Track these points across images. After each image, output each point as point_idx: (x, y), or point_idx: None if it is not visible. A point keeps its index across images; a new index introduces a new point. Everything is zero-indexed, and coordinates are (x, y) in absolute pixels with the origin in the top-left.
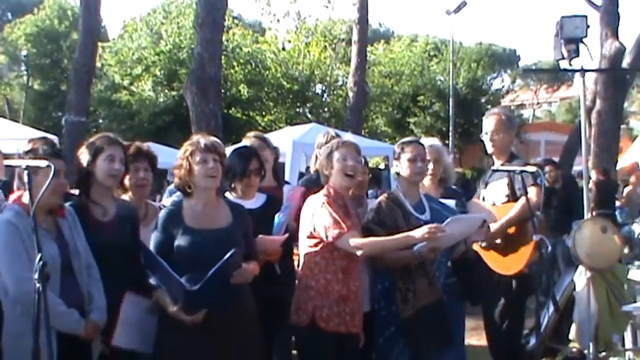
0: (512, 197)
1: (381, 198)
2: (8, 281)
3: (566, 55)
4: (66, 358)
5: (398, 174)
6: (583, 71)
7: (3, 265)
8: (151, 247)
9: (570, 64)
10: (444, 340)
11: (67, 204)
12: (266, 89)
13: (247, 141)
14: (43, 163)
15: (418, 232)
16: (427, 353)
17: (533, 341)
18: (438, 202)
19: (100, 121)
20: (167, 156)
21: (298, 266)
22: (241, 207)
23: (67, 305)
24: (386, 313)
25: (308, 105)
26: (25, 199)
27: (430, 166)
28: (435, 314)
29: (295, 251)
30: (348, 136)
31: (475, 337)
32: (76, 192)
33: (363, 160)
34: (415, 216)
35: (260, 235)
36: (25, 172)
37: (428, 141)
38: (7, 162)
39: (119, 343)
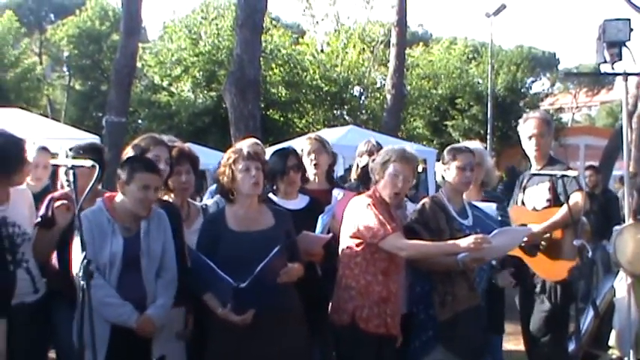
0: (554, 202)
1: (425, 200)
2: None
3: (608, 58)
4: (123, 354)
5: (443, 178)
6: (626, 75)
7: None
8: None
9: (612, 68)
10: (482, 349)
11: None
12: (304, 91)
13: (307, 141)
14: (87, 162)
15: (464, 242)
16: (464, 357)
17: (572, 346)
18: (480, 210)
19: (140, 121)
20: (206, 157)
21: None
22: (284, 210)
23: (124, 298)
24: (424, 316)
25: (346, 107)
26: (118, 198)
27: None
28: (473, 320)
29: None
30: (409, 148)
31: (512, 342)
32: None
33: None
34: (458, 221)
35: (304, 232)
36: (71, 171)
37: (470, 144)
38: (52, 161)
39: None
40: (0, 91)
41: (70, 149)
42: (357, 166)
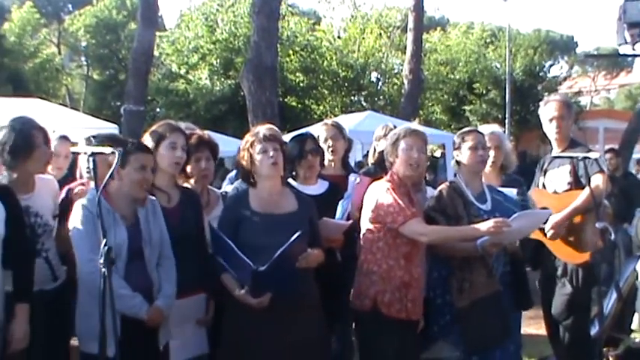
0: (575, 185)
1: (443, 186)
2: (77, 262)
3: (629, 39)
4: (132, 343)
5: (459, 163)
6: None
7: (75, 246)
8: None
9: (633, 49)
10: (502, 334)
11: None
12: (321, 77)
13: (324, 127)
14: (107, 149)
15: (484, 226)
16: (483, 345)
17: (594, 330)
18: (500, 193)
19: (158, 109)
20: (224, 144)
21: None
22: (307, 196)
23: (132, 289)
24: (441, 301)
25: (363, 93)
26: (112, 187)
27: (491, 153)
28: (492, 307)
29: None
30: (415, 125)
31: (533, 325)
32: None
33: (428, 150)
34: (476, 206)
35: (324, 218)
36: (90, 158)
37: (488, 128)
38: (72, 149)
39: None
40: (20, 81)
41: (94, 137)
42: (375, 150)
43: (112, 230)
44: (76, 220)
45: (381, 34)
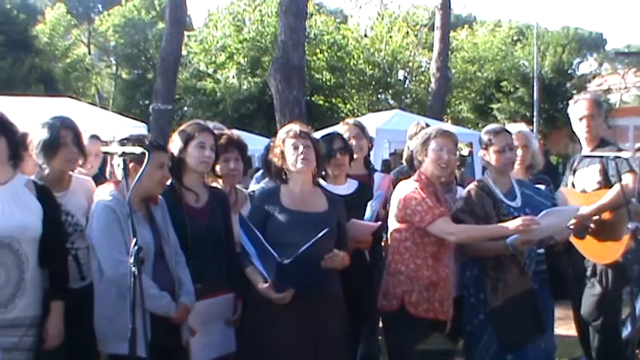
0: (605, 184)
1: (471, 187)
2: (105, 263)
3: None
4: (157, 341)
5: (487, 162)
6: None
7: (100, 247)
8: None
9: None
10: (536, 331)
11: None
12: (348, 76)
13: (345, 126)
14: (137, 149)
15: (512, 224)
16: (517, 343)
17: (626, 331)
18: (531, 186)
19: (185, 108)
20: (251, 143)
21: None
22: (338, 198)
23: (159, 288)
24: (475, 300)
25: (390, 91)
26: (125, 187)
27: (518, 152)
28: (525, 305)
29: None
30: (446, 126)
31: (563, 326)
32: None
33: (458, 151)
34: (506, 204)
35: (353, 220)
36: (121, 158)
37: (516, 127)
38: (103, 149)
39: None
40: (51, 81)
41: (127, 139)
42: (408, 148)
43: (137, 230)
44: (100, 221)
45: (408, 32)
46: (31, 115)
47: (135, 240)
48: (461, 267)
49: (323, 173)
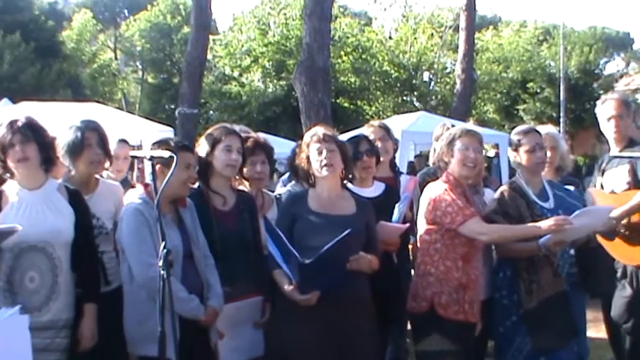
0: (634, 184)
1: (503, 188)
2: (134, 267)
3: None
4: (187, 342)
5: (518, 164)
6: None
7: (130, 251)
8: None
9: None
10: (569, 333)
11: None
12: (373, 78)
13: (371, 128)
14: (166, 153)
15: (545, 224)
16: (551, 345)
17: None
18: (562, 187)
19: (211, 112)
20: (276, 146)
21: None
22: (366, 200)
23: (188, 291)
24: (507, 302)
25: (415, 93)
26: (153, 189)
27: (547, 153)
28: (558, 307)
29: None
30: (470, 125)
31: (593, 329)
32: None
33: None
34: (539, 205)
35: (381, 222)
36: (150, 162)
37: (544, 128)
38: (132, 153)
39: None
40: (78, 86)
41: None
42: (434, 150)
43: (166, 233)
44: (130, 224)
45: (432, 33)
46: (60, 119)
47: (164, 243)
48: (493, 268)
49: (350, 176)
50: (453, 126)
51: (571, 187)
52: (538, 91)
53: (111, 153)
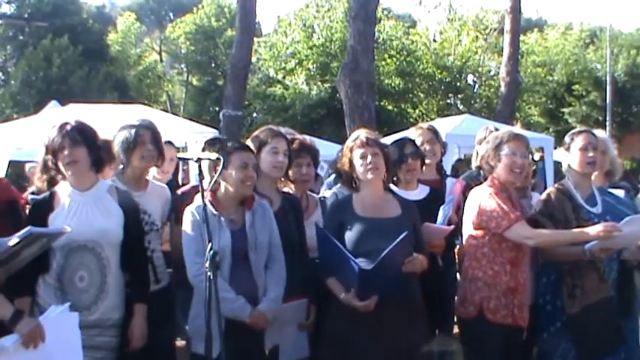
0: None
1: (551, 190)
2: (186, 266)
3: None
4: (238, 345)
5: (569, 166)
6: None
7: (184, 250)
8: None
9: None
10: (616, 341)
11: None
12: (417, 80)
13: (419, 131)
14: (213, 155)
15: (593, 230)
16: (596, 353)
17: None
18: (612, 195)
19: (255, 114)
20: (321, 148)
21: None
22: (411, 202)
23: (236, 292)
24: (551, 307)
25: (459, 96)
26: (219, 191)
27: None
28: (604, 313)
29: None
30: (517, 129)
31: None
32: None
33: (530, 155)
34: (586, 209)
35: (426, 223)
36: (196, 163)
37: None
38: (179, 155)
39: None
40: (124, 88)
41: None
42: (477, 153)
43: (217, 234)
44: (185, 225)
45: (477, 36)
46: (107, 121)
47: (210, 245)
48: (536, 273)
49: (394, 178)
50: (496, 129)
51: (620, 192)
52: (584, 94)
53: (163, 151)
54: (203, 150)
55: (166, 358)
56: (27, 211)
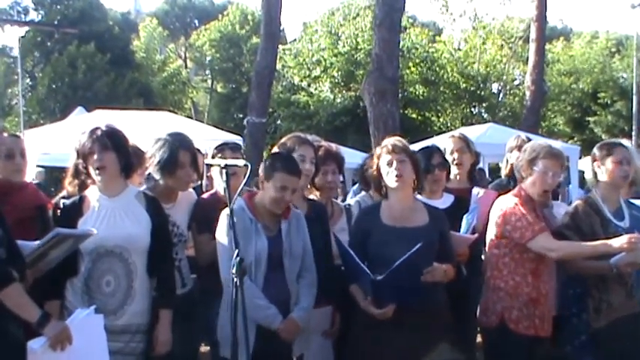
0: None
1: (578, 202)
2: (220, 269)
3: None
4: (265, 352)
5: (595, 178)
6: None
7: (218, 254)
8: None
9: None
10: None
11: None
12: (442, 89)
13: (451, 139)
14: (240, 162)
15: (617, 242)
16: None
17: None
18: (638, 207)
19: (279, 122)
20: (344, 157)
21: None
22: (440, 211)
23: (269, 299)
24: (577, 320)
25: (484, 105)
26: (258, 196)
27: None
28: (631, 329)
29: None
30: (556, 145)
31: None
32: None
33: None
34: (614, 223)
35: (450, 231)
36: (224, 170)
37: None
38: (206, 161)
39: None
40: (149, 95)
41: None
42: (507, 162)
43: (253, 239)
44: (220, 230)
45: (502, 45)
46: (133, 128)
47: (237, 251)
48: (562, 285)
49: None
50: (528, 139)
51: None
52: (609, 103)
53: (200, 171)
54: (213, 157)
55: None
56: (57, 214)
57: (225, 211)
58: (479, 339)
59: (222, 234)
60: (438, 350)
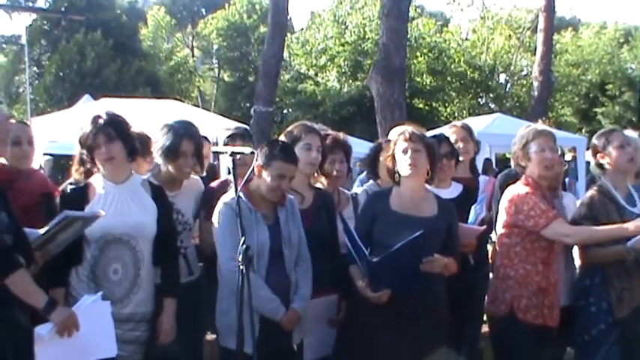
0: None
1: (592, 193)
2: (219, 259)
3: None
4: (267, 340)
5: (602, 166)
6: None
7: (217, 244)
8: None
9: None
10: None
11: None
12: (449, 79)
13: (453, 129)
14: (247, 149)
15: (633, 224)
16: None
17: None
18: None
19: (285, 111)
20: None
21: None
22: (449, 202)
23: (272, 289)
24: (595, 309)
25: (491, 95)
26: (253, 184)
27: None
28: None
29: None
30: (540, 125)
31: None
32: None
33: (559, 149)
34: (628, 209)
35: (459, 223)
36: (231, 158)
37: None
38: (214, 149)
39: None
40: (156, 84)
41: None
42: (515, 153)
43: (254, 229)
44: (218, 218)
45: (510, 35)
46: (139, 116)
47: (243, 239)
48: (578, 275)
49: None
50: None
51: None
52: (617, 94)
53: (204, 160)
54: (225, 144)
55: (195, 347)
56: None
57: (223, 200)
58: (484, 329)
59: (220, 223)
60: (437, 354)
